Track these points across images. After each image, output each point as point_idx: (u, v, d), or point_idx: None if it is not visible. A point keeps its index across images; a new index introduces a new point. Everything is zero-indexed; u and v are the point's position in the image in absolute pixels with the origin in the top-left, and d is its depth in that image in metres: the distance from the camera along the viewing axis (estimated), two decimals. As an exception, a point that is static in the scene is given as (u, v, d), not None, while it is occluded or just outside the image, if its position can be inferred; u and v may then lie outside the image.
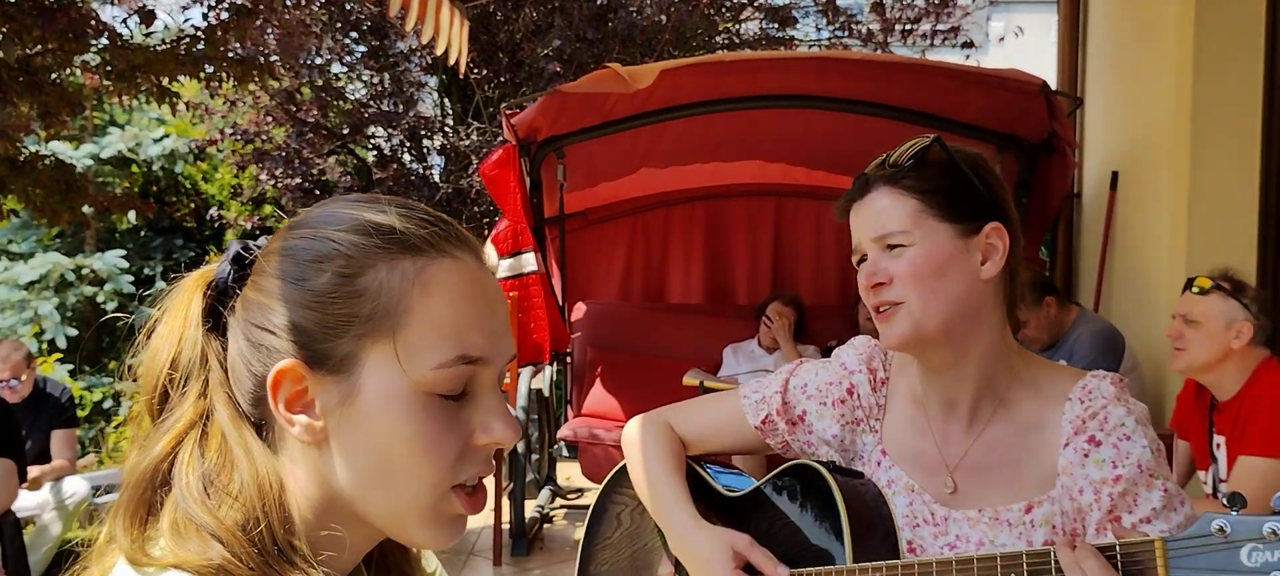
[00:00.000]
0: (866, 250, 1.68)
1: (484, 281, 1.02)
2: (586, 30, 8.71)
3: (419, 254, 0.98)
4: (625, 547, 1.99)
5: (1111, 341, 4.81)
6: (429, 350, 0.96)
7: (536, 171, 5.44)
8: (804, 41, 10.75)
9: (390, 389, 0.96)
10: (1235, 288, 3.27)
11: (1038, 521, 1.62)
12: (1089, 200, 6.48)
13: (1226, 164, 4.73)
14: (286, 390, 0.97)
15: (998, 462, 1.68)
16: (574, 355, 5.85)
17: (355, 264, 0.96)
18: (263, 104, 9.73)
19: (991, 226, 1.66)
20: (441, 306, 0.97)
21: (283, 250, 0.99)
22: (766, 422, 1.88)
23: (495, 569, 5.16)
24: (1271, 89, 4.61)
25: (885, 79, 5.03)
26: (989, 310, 1.67)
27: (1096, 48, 6.42)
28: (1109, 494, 1.56)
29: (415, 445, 0.96)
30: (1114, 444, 1.59)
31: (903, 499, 1.73)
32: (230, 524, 0.94)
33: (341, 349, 0.96)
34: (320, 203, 1.04)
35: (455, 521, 1.01)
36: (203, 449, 0.99)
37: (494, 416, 1.00)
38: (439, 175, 9.76)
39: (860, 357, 1.85)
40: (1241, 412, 3.24)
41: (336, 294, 0.96)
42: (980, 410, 1.71)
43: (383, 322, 0.96)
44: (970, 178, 1.66)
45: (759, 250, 6.28)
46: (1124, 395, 1.64)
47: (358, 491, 0.99)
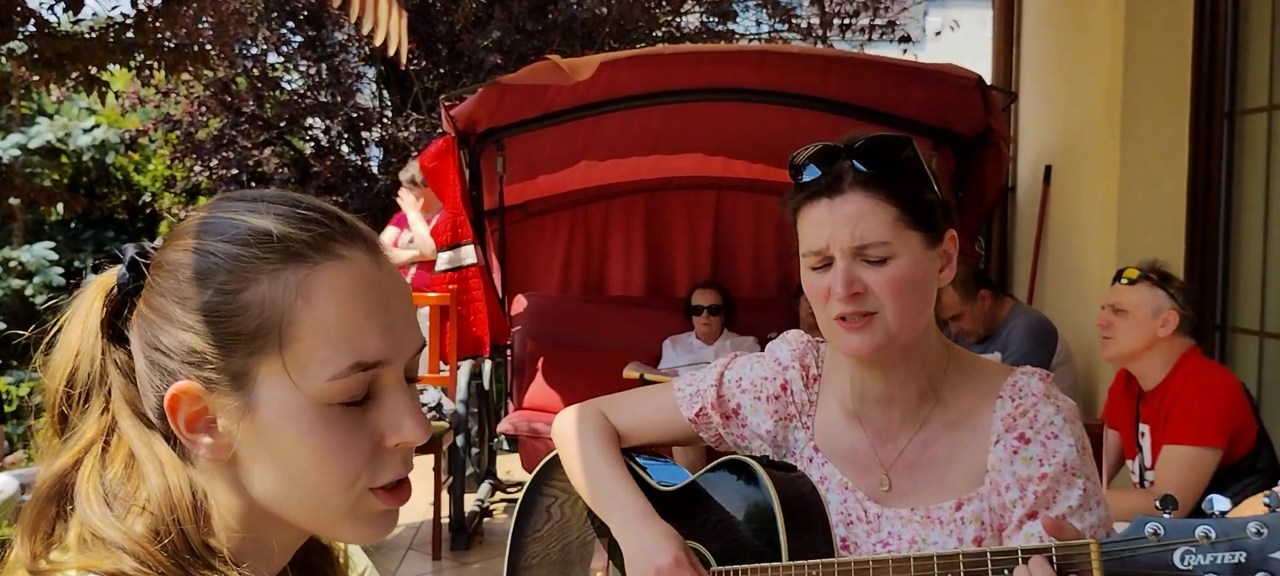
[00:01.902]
0: (835, 255, 1.60)
1: (376, 278, 0.97)
2: (526, 22, 8.69)
3: (302, 261, 0.93)
4: (556, 540, 1.98)
5: (1044, 333, 4.88)
6: (320, 362, 0.92)
7: (476, 163, 5.41)
8: (744, 35, 10.80)
9: (286, 405, 0.92)
10: (1162, 278, 3.36)
11: (968, 518, 1.63)
12: (1023, 194, 6.57)
13: (1155, 159, 4.82)
14: (185, 411, 0.94)
15: (931, 460, 1.69)
16: (514, 348, 5.83)
17: (237, 279, 0.92)
18: (197, 94, 9.58)
19: (950, 234, 1.66)
20: (329, 314, 0.92)
21: (168, 265, 0.95)
22: (700, 415, 1.87)
23: (434, 563, 5.13)
24: (1199, 85, 4.71)
25: (824, 73, 5.06)
26: (931, 311, 1.68)
27: (1030, 44, 6.51)
28: (1033, 491, 1.58)
29: (321, 458, 0.93)
30: (1042, 442, 1.60)
31: (836, 496, 1.73)
32: (138, 535, 0.91)
33: (233, 367, 0.92)
34: (209, 204, 1.00)
35: (381, 517, 0.99)
36: (106, 462, 0.96)
37: (403, 416, 0.96)
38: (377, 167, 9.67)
39: (793, 353, 1.84)
40: (1165, 402, 3.32)
41: (221, 312, 0.92)
42: (919, 408, 1.71)
43: (269, 338, 0.91)
44: (933, 183, 1.64)
45: (699, 243, 6.29)
46: (1053, 392, 1.66)
47: (274, 501, 0.96)
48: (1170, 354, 3.34)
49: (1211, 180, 4.69)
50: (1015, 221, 6.72)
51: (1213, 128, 4.67)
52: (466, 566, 5.14)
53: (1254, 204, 4.57)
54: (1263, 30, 4.48)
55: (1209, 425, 3.22)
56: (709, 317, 5.71)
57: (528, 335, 5.83)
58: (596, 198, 6.21)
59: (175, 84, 9.26)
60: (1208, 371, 3.36)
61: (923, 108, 5.14)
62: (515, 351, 5.83)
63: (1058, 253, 5.86)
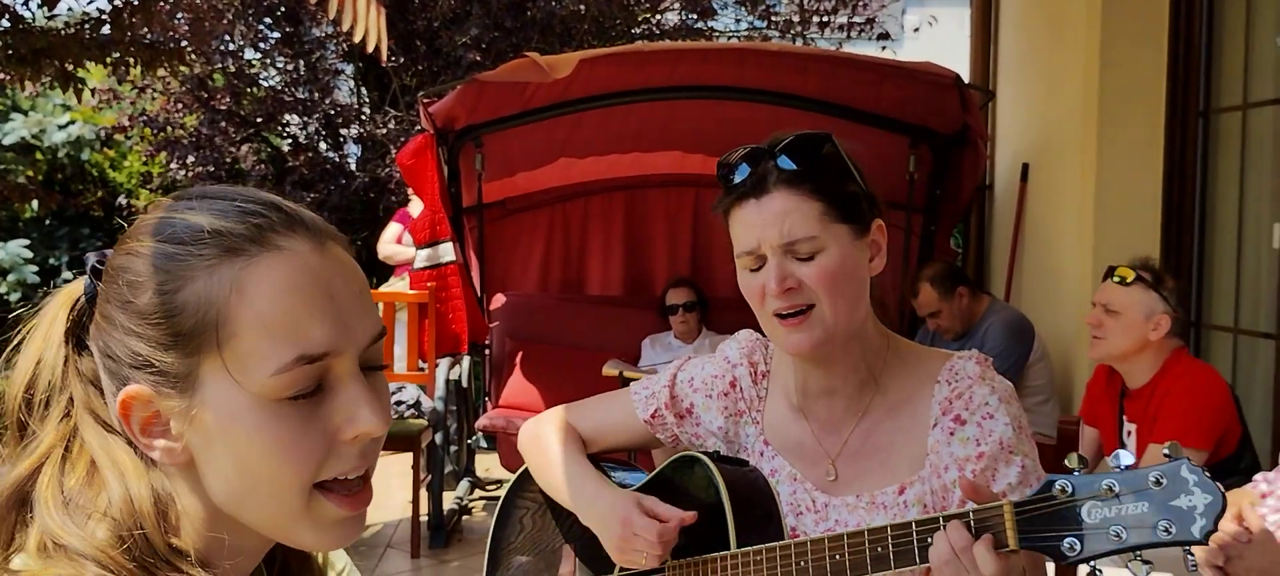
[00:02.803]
0: (767, 254, 1.65)
1: (318, 266, 0.94)
2: (505, 19, 8.67)
3: (237, 254, 0.91)
4: (528, 551, 2.01)
5: (1021, 330, 4.91)
6: (261, 358, 0.90)
7: (454, 160, 5.40)
8: (723, 33, 10.81)
9: (232, 404, 0.91)
10: (1156, 279, 3.30)
11: (910, 502, 1.67)
12: (1000, 192, 6.60)
13: (1132, 157, 4.86)
14: (138, 415, 0.93)
15: (874, 448, 1.73)
16: (493, 346, 5.82)
17: (173, 278, 0.91)
18: (173, 90, 9.52)
19: (877, 224, 1.70)
20: (267, 308, 0.90)
21: (114, 269, 0.95)
22: (655, 417, 1.91)
23: (413, 561, 5.12)
24: (1175, 84, 4.74)
25: (802, 71, 5.07)
26: (868, 300, 1.72)
27: (1008, 42, 6.54)
28: (971, 470, 1.61)
29: (271, 455, 0.92)
30: (978, 422, 1.64)
31: (786, 488, 1.78)
32: (100, 540, 0.90)
33: (177, 368, 0.91)
34: (154, 205, 0.99)
35: (342, 523, 0.96)
36: (66, 470, 0.95)
37: (359, 406, 0.93)
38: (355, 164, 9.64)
39: (742, 351, 1.89)
40: (1152, 401, 3.30)
41: (159, 314, 0.91)
42: (861, 397, 1.75)
43: (207, 337, 0.90)
44: (857, 176, 1.69)
45: (678, 240, 6.29)
46: (988, 373, 1.70)
47: (232, 503, 0.95)
48: (1159, 354, 3.31)
49: (1186, 178, 4.72)
50: (992, 219, 6.75)
51: (1188, 126, 4.71)
52: (445, 564, 5.13)
53: (1228, 202, 4.60)
54: (1237, 30, 4.51)
55: (1197, 426, 3.21)
56: (685, 315, 5.72)
57: (506, 333, 5.83)
58: (575, 195, 6.21)
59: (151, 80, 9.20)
60: (1197, 372, 3.34)
61: (900, 106, 5.15)
62: (494, 349, 5.82)
63: (1035, 250, 5.90)
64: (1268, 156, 4.29)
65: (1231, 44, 4.56)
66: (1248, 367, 4.48)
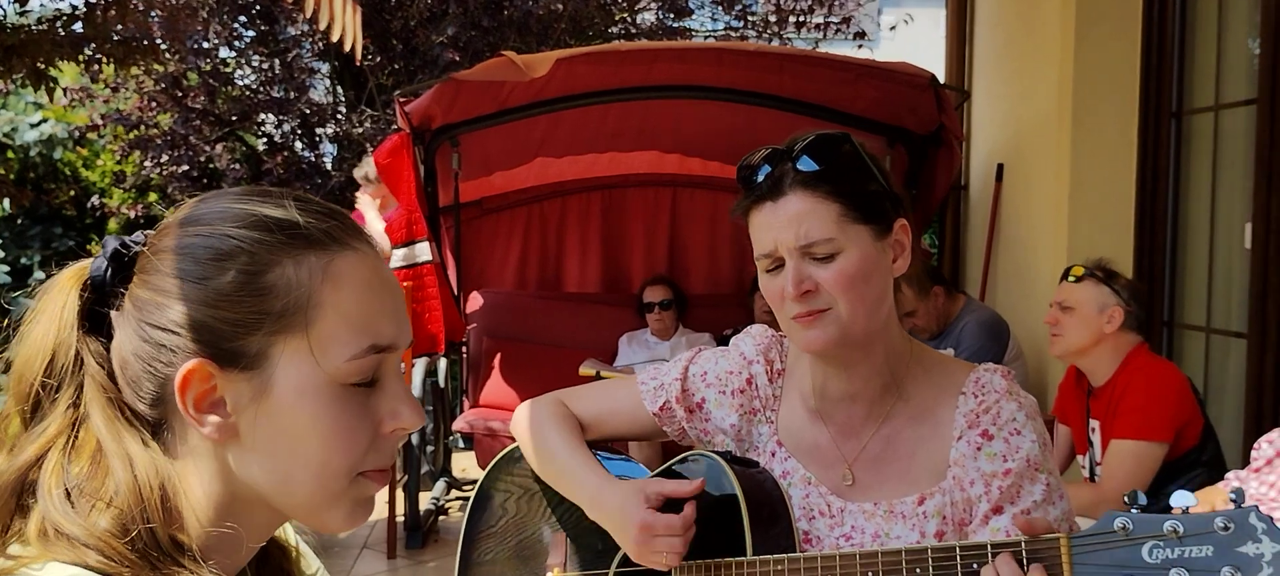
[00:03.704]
0: (784, 256, 1.63)
1: (383, 270, 1.03)
2: (482, 18, 8.64)
3: (323, 248, 0.98)
4: (511, 535, 1.97)
5: (996, 330, 4.94)
6: (341, 343, 0.97)
7: (431, 160, 5.38)
8: (700, 32, 10.81)
9: (304, 383, 0.96)
10: (1107, 275, 3.42)
11: (930, 513, 1.65)
12: (975, 191, 6.64)
13: (1105, 157, 4.89)
14: (195, 390, 0.95)
15: (894, 455, 1.71)
16: (469, 345, 5.81)
17: (259, 260, 0.96)
18: (147, 89, 9.45)
19: (899, 224, 1.67)
20: (350, 299, 0.98)
21: (178, 248, 0.98)
22: (664, 409, 1.87)
23: (389, 561, 5.11)
24: (1148, 85, 4.78)
25: (779, 70, 5.07)
26: (891, 304, 1.70)
27: (983, 42, 6.57)
28: (998, 486, 1.60)
29: (330, 437, 0.97)
30: (1005, 438, 1.62)
31: (799, 491, 1.74)
32: (101, 530, 0.91)
33: (252, 346, 0.96)
34: (207, 196, 1.03)
35: (365, 504, 1.03)
36: (72, 457, 0.96)
37: (401, 403, 1.02)
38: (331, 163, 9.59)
39: (758, 348, 1.85)
40: (1113, 397, 3.37)
41: (244, 292, 0.96)
42: (882, 403, 1.72)
43: (295, 318, 0.96)
44: (877, 175, 1.66)
45: (655, 240, 6.29)
46: (1014, 388, 1.68)
47: (270, 484, 0.99)
48: (1118, 350, 3.39)
49: (1159, 178, 4.76)
50: (968, 219, 6.79)
51: (1161, 127, 4.74)
52: (422, 565, 5.12)
53: (1200, 202, 4.64)
54: (1209, 31, 4.55)
55: (1155, 419, 3.28)
56: (660, 313, 5.72)
57: (483, 332, 5.81)
58: (552, 194, 6.20)
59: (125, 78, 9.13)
60: (1154, 367, 3.42)
61: (876, 105, 5.17)
62: (470, 349, 5.80)
63: (1009, 250, 5.93)
64: (1239, 157, 4.33)
65: (1204, 45, 4.60)
66: (1220, 367, 4.52)
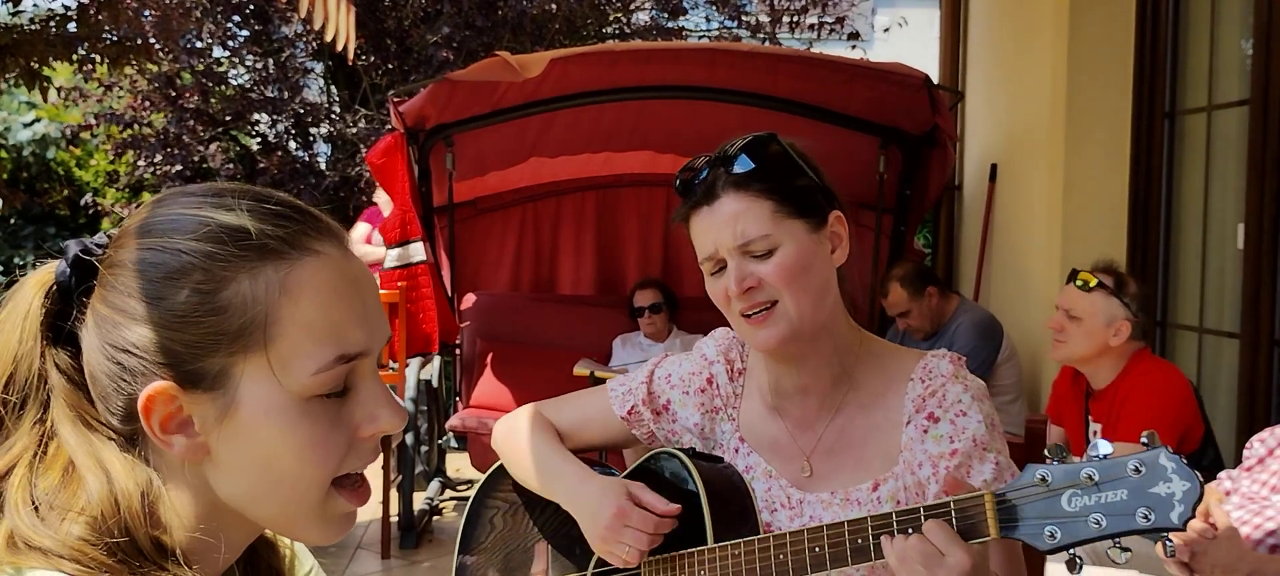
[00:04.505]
0: (725, 257, 1.69)
1: (350, 271, 0.97)
2: (476, 17, 8.64)
3: (280, 257, 0.93)
4: (498, 551, 2.00)
5: (990, 330, 4.94)
6: (305, 357, 0.92)
7: (425, 160, 5.38)
8: (694, 32, 10.81)
9: (269, 401, 0.92)
10: (1118, 284, 3.34)
11: (884, 498, 1.69)
12: (969, 192, 6.64)
13: (1099, 158, 4.90)
14: (159, 412, 0.92)
15: (848, 444, 1.75)
16: (463, 346, 5.81)
17: (213, 277, 0.91)
18: (140, 88, 9.44)
19: (835, 215, 1.73)
20: (311, 310, 0.93)
21: (133, 264, 0.92)
22: (632, 413, 1.92)
23: (383, 561, 5.11)
24: (1141, 86, 4.79)
25: (773, 71, 5.08)
26: (836, 295, 1.74)
27: (977, 43, 6.58)
28: (945, 466, 1.63)
29: (302, 451, 0.93)
30: (951, 420, 1.66)
31: (761, 484, 1.79)
32: (75, 538, 0.88)
33: (213, 366, 0.91)
34: (163, 199, 0.97)
35: (345, 518, 0.99)
36: (40, 471, 0.93)
37: (379, 405, 0.97)
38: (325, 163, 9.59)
39: (718, 348, 1.90)
40: (1115, 400, 3.34)
41: (199, 312, 0.90)
42: (834, 394, 1.77)
43: (253, 337, 0.91)
44: (807, 170, 1.72)
45: (649, 240, 6.29)
46: (961, 372, 1.72)
47: (244, 500, 0.96)
48: (1121, 356, 3.35)
49: (1153, 179, 4.77)
50: (961, 219, 6.79)
51: (1154, 128, 4.75)
52: (416, 565, 5.11)
53: (1194, 203, 4.65)
54: (1202, 32, 4.56)
55: (1159, 425, 3.23)
56: (651, 317, 5.72)
57: (477, 333, 5.81)
58: (547, 195, 6.20)
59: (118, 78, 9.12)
60: (1159, 371, 3.37)
61: (870, 106, 5.17)
62: (464, 349, 5.80)
63: (1003, 250, 5.94)
64: (1232, 157, 4.34)
65: (1197, 46, 4.61)
66: (1212, 367, 4.53)
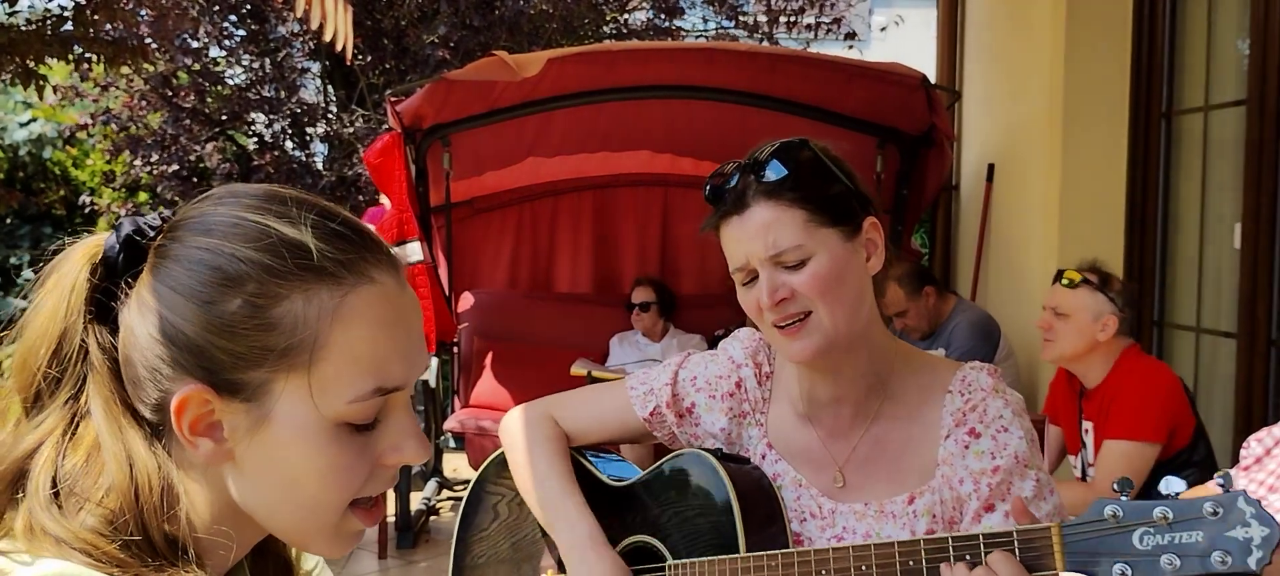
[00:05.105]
0: (756, 268, 1.64)
1: (402, 304, 0.96)
2: (473, 17, 8.63)
3: (337, 283, 0.91)
4: (504, 538, 1.96)
5: (987, 330, 4.94)
6: (345, 386, 0.91)
7: (422, 160, 5.38)
8: (691, 32, 10.81)
9: (303, 422, 0.91)
10: (1102, 281, 3.37)
11: (920, 511, 1.65)
12: (966, 192, 6.64)
13: (1096, 158, 4.90)
14: (191, 414, 0.91)
15: (882, 455, 1.71)
16: (461, 345, 5.80)
17: (268, 292, 0.89)
18: (136, 88, 9.42)
19: (869, 221, 1.67)
20: (360, 341, 0.92)
21: (186, 260, 0.91)
22: (655, 415, 1.86)
23: (380, 562, 5.10)
24: (1138, 86, 4.79)
25: (771, 71, 5.08)
26: (872, 303, 1.69)
27: (974, 42, 6.58)
28: (987, 484, 1.60)
29: (326, 475, 0.93)
30: (992, 436, 1.62)
31: (790, 493, 1.75)
32: (88, 530, 0.88)
33: (253, 379, 0.90)
34: (222, 196, 0.95)
35: (356, 535, 0.99)
36: (67, 451, 0.92)
37: (406, 437, 0.97)
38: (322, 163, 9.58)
39: (746, 351, 1.84)
40: (1106, 398, 3.37)
41: (248, 324, 0.89)
42: (869, 404, 1.72)
43: (298, 358, 0.90)
44: (840, 176, 1.66)
45: (647, 240, 6.30)
46: (1001, 386, 1.68)
47: (261, 509, 0.95)
48: (1110, 353, 3.38)
49: (1149, 179, 4.77)
50: (959, 219, 6.79)
51: (1151, 128, 4.76)
52: (413, 565, 5.11)
53: (1190, 203, 4.65)
54: (1198, 33, 4.56)
55: (1148, 420, 3.28)
56: (640, 315, 5.72)
57: (474, 332, 5.81)
58: (544, 194, 6.20)
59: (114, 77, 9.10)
60: (1147, 367, 3.41)
61: (868, 106, 5.18)
62: (462, 349, 5.80)
63: (1000, 250, 5.93)
64: (1229, 157, 4.34)
65: (1194, 46, 4.61)
66: (1209, 367, 4.53)
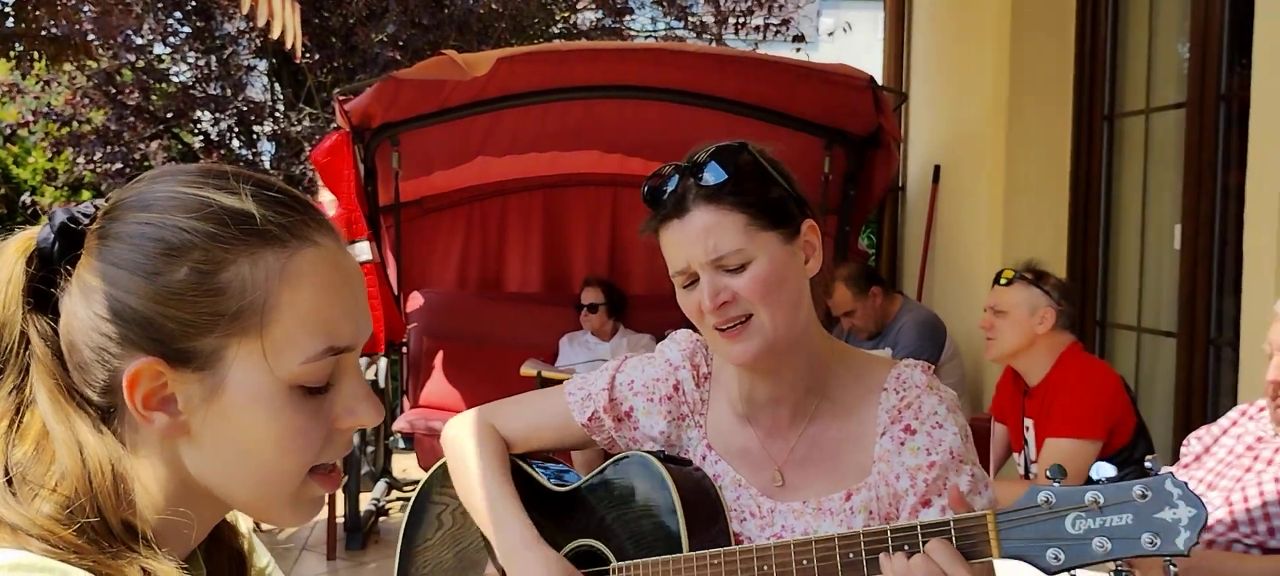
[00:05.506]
0: (697, 271, 1.64)
1: (345, 264, 0.98)
2: (422, 16, 8.59)
3: (282, 245, 0.93)
4: (448, 549, 1.95)
5: (933, 330, 5.00)
6: (297, 347, 0.93)
7: (371, 159, 5.35)
8: (640, 32, 10.83)
9: (257, 386, 0.92)
10: (1037, 276, 3.45)
11: (857, 508, 1.67)
12: (913, 193, 6.71)
13: (1040, 160, 4.97)
14: (143, 388, 0.91)
15: (820, 454, 1.72)
16: (410, 345, 5.77)
17: (214, 257, 0.90)
18: (79, 85, 9.29)
19: (807, 224, 1.68)
20: (308, 301, 0.93)
21: (128, 237, 0.91)
22: (593, 420, 1.86)
23: (330, 563, 5.06)
24: (1081, 88, 4.87)
25: (719, 72, 5.10)
26: (810, 305, 1.71)
27: (921, 45, 6.65)
28: (923, 480, 1.62)
29: (283, 440, 0.94)
30: (928, 432, 1.64)
31: (730, 493, 1.76)
32: (42, 517, 0.88)
33: (205, 347, 0.91)
34: (158, 175, 0.96)
35: (316, 501, 1.00)
36: (14, 440, 0.92)
37: (358, 400, 0.98)
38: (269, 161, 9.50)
39: (683, 353, 1.85)
40: (1047, 396, 3.42)
41: (196, 292, 0.90)
42: (806, 404, 1.74)
43: (249, 321, 0.91)
44: (779, 179, 1.67)
45: (596, 240, 6.30)
46: (935, 383, 1.70)
47: (219, 481, 0.96)
48: (1051, 350, 3.44)
49: (1092, 181, 4.85)
50: (905, 220, 6.86)
51: (1094, 130, 4.83)
52: (362, 566, 5.08)
53: (1132, 204, 4.73)
54: (1140, 37, 4.64)
55: (1089, 418, 3.33)
56: (588, 315, 5.72)
57: (424, 332, 5.79)
58: (494, 194, 6.18)
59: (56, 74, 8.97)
60: (1088, 366, 3.47)
61: (816, 107, 5.21)
62: (411, 349, 5.77)
63: (946, 250, 6.00)
64: (1169, 159, 4.42)
65: (1135, 50, 4.69)
66: (1150, 366, 4.61)
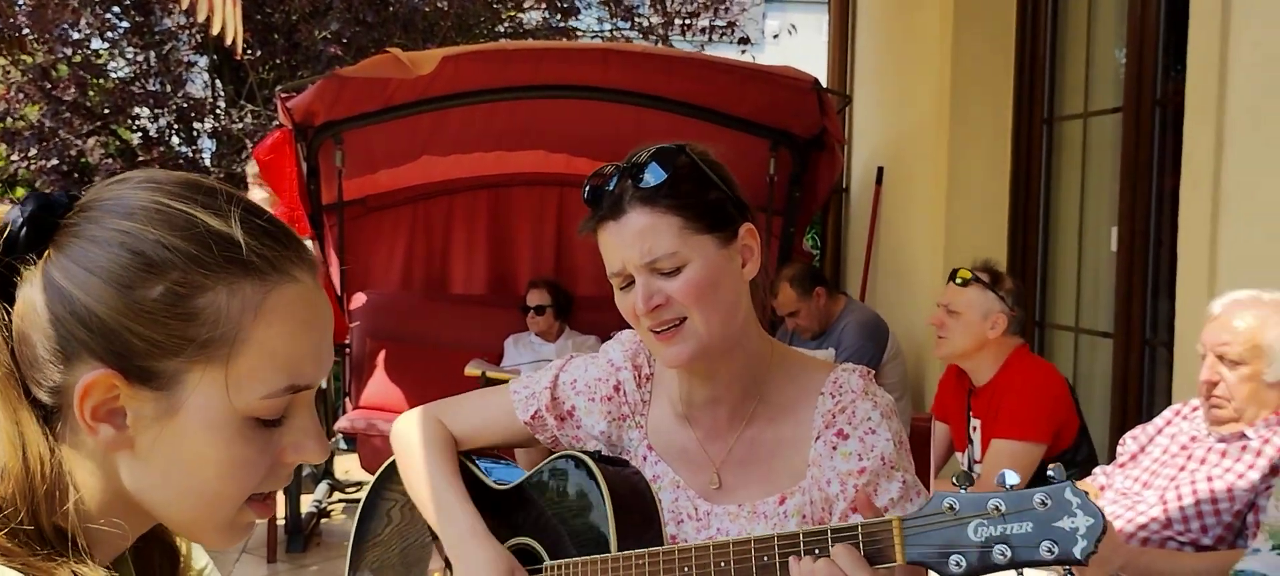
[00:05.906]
0: (632, 273, 1.63)
1: (319, 302, 0.96)
2: (366, 13, 8.54)
3: (263, 279, 0.91)
4: (395, 544, 1.96)
5: (876, 330, 5.04)
6: (259, 381, 0.91)
7: (314, 157, 5.29)
8: (586, 32, 10.83)
9: (212, 414, 0.90)
10: (993, 280, 3.47)
11: (790, 512, 1.68)
12: (856, 194, 6.76)
13: (981, 162, 5.04)
14: (94, 399, 0.88)
15: (757, 457, 1.73)
16: (352, 346, 5.72)
17: (192, 282, 0.88)
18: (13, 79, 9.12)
19: (745, 228, 1.69)
20: (279, 337, 0.92)
21: (103, 241, 0.89)
22: (536, 418, 1.87)
23: (270, 566, 5.01)
24: (1021, 92, 4.94)
25: (666, 72, 5.11)
26: (748, 308, 1.71)
27: (864, 48, 6.71)
28: (854, 485, 1.62)
29: (228, 468, 0.92)
30: (860, 438, 1.65)
31: (668, 494, 1.76)
32: None
33: (166, 369, 0.89)
34: (143, 180, 0.93)
35: (248, 526, 0.98)
36: None
37: (308, 436, 0.97)
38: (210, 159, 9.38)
39: (626, 354, 1.86)
40: (995, 397, 3.45)
41: (169, 313, 0.88)
42: (744, 406, 1.74)
43: (217, 350, 0.89)
44: (718, 182, 1.67)
45: (542, 240, 6.28)
46: (871, 387, 1.71)
47: (156, 498, 0.94)
48: (1000, 352, 3.48)
49: (1032, 184, 4.92)
50: (849, 221, 6.91)
51: (1033, 133, 4.90)
52: (303, 568, 5.03)
53: (1070, 206, 4.81)
54: (1078, 41, 4.72)
55: (1036, 420, 3.37)
56: (535, 317, 5.71)
57: (367, 333, 5.74)
58: (438, 193, 6.14)
59: (-10, 69, 8.81)
60: (1036, 368, 3.50)
61: (761, 108, 5.24)
62: (353, 349, 5.72)
63: (889, 251, 6.06)
64: (1106, 163, 4.49)
65: (1074, 55, 4.76)
66: (1088, 365, 4.68)
